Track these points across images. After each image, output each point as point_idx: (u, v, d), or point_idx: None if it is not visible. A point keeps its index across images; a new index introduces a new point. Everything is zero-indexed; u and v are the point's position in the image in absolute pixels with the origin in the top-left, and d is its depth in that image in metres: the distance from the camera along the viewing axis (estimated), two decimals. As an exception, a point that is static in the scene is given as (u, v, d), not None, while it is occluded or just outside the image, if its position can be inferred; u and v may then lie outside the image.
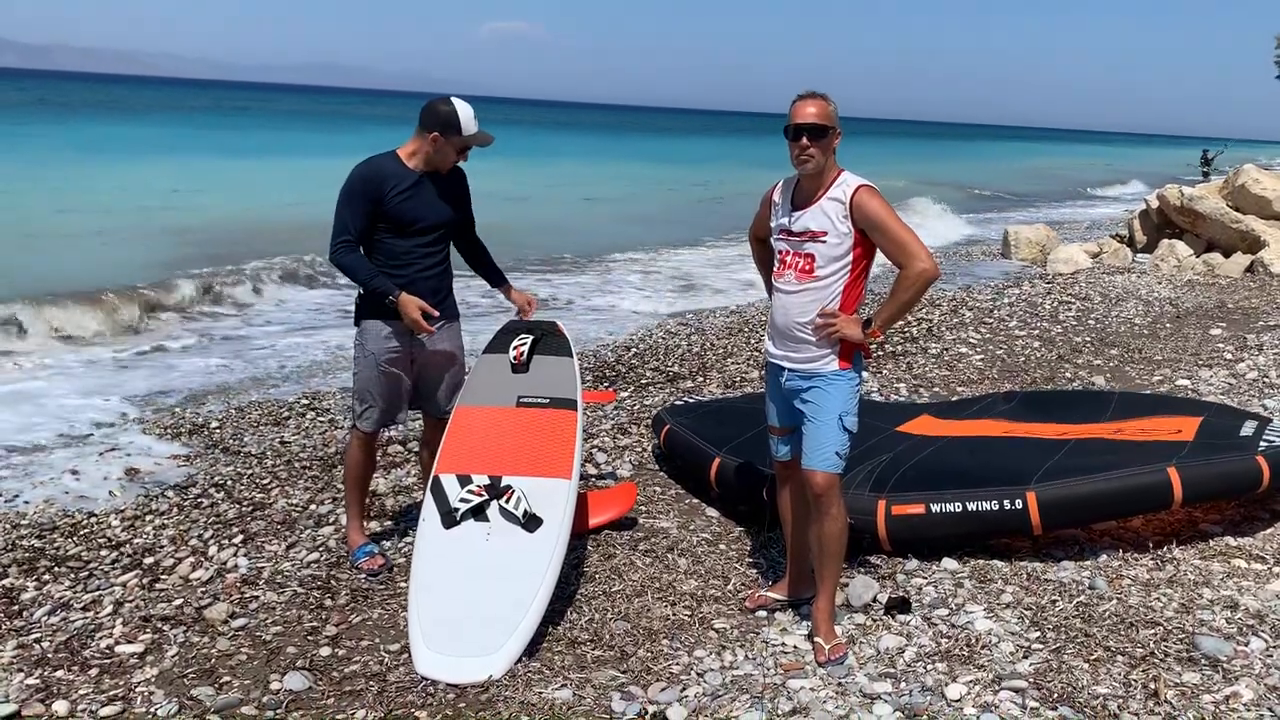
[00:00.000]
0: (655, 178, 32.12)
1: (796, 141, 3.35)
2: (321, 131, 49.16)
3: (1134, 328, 9.62)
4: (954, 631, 3.65)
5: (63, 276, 11.02)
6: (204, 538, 4.63)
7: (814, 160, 3.35)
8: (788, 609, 3.87)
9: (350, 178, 3.98)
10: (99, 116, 50.72)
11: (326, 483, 5.37)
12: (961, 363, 8.17)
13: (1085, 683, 3.27)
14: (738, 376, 7.69)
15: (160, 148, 32.51)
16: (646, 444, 5.95)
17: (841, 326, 3.38)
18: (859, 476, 4.38)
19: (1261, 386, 7.19)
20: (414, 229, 4.01)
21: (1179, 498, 4.12)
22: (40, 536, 4.68)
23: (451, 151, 4.01)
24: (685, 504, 5.04)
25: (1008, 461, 4.51)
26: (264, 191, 22.01)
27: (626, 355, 8.56)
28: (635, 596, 3.98)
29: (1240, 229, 13.50)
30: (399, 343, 4.09)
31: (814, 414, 3.45)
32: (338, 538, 4.57)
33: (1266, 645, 3.49)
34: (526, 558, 3.66)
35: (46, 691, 3.35)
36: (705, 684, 3.35)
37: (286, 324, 10.55)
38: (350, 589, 4.09)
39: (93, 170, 24.02)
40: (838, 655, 3.46)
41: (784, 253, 3.50)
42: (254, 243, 14.84)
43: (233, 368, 8.51)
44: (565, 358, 4.39)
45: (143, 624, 3.81)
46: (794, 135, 3.34)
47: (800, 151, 3.35)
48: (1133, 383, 7.51)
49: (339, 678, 3.43)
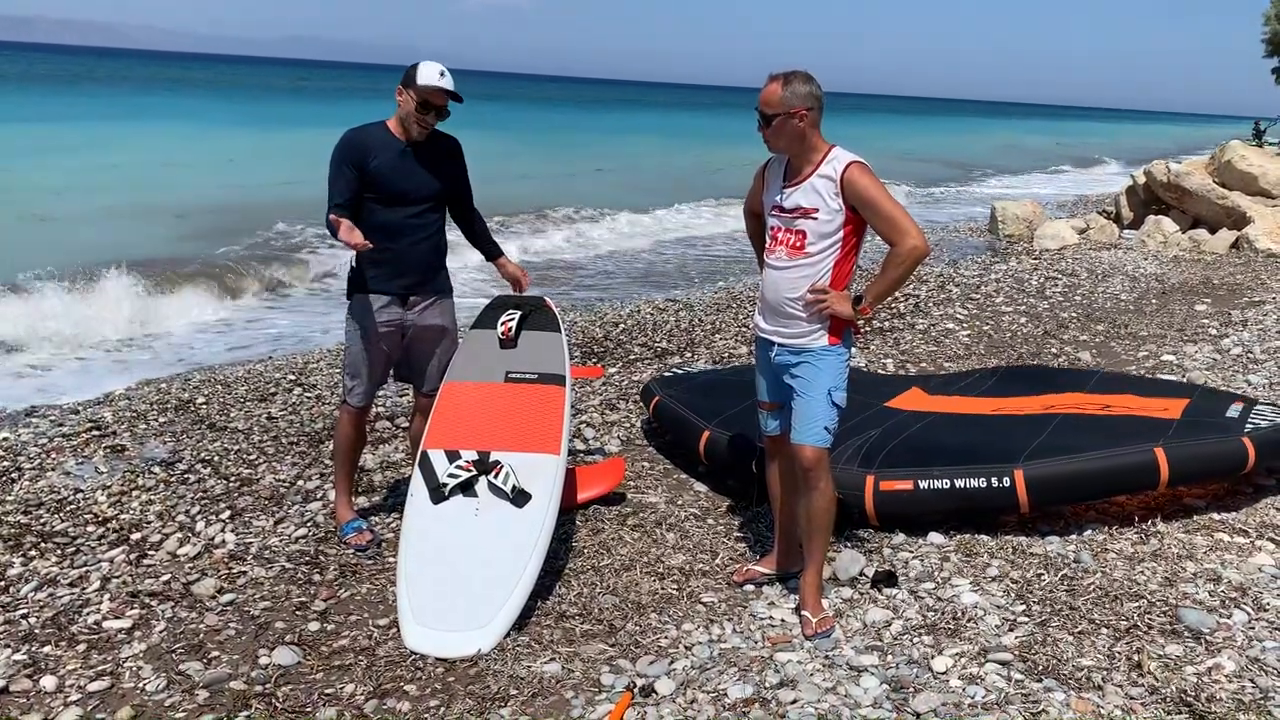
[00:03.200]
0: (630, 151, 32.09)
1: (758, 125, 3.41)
2: (306, 105, 48.72)
3: (1120, 303, 9.66)
4: (940, 605, 3.67)
5: (49, 253, 10.90)
6: (191, 513, 4.61)
7: (770, 144, 3.41)
8: (775, 583, 3.89)
9: (336, 145, 3.95)
10: (90, 90, 50.27)
11: (314, 458, 5.36)
12: (949, 339, 8.19)
13: (1070, 655, 3.30)
14: (726, 352, 7.69)
15: (147, 120, 32.25)
16: (635, 419, 5.96)
17: (832, 303, 3.38)
18: (847, 451, 4.39)
19: (1246, 362, 7.23)
20: (401, 199, 3.97)
21: (1165, 478, 4.15)
22: (26, 512, 4.65)
23: (411, 105, 3.91)
24: (673, 479, 5.05)
25: (996, 439, 4.53)
26: (250, 167, 21.83)
27: (615, 331, 8.55)
28: (623, 571, 3.99)
29: (1226, 205, 13.54)
30: (390, 316, 4.07)
31: (803, 389, 3.46)
32: (326, 513, 4.57)
33: (1249, 618, 3.52)
34: (515, 533, 3.67)
35: (34, 667, 3.34)
36: (693, 657, 3.36)
37: (273, 298, 10.50)
38: (339, 564, 4.09)
39: (79, 144, 23.77)
40: (825, 629, 3.49)
41: (775, 229, 3.50)
42: (238, 218, 14.74)
43: (219, 343, 8.46)
44: (553, 333, 4.38)
45: (130, 599, 3.80)
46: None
47: (761, 134, 3.41)
48: (1118, 358, 7.54)
49: (328, 652, 3.44)
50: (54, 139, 24.49)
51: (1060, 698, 3.06)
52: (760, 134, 3.40)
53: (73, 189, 17.12)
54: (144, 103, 43.07)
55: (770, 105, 3.33)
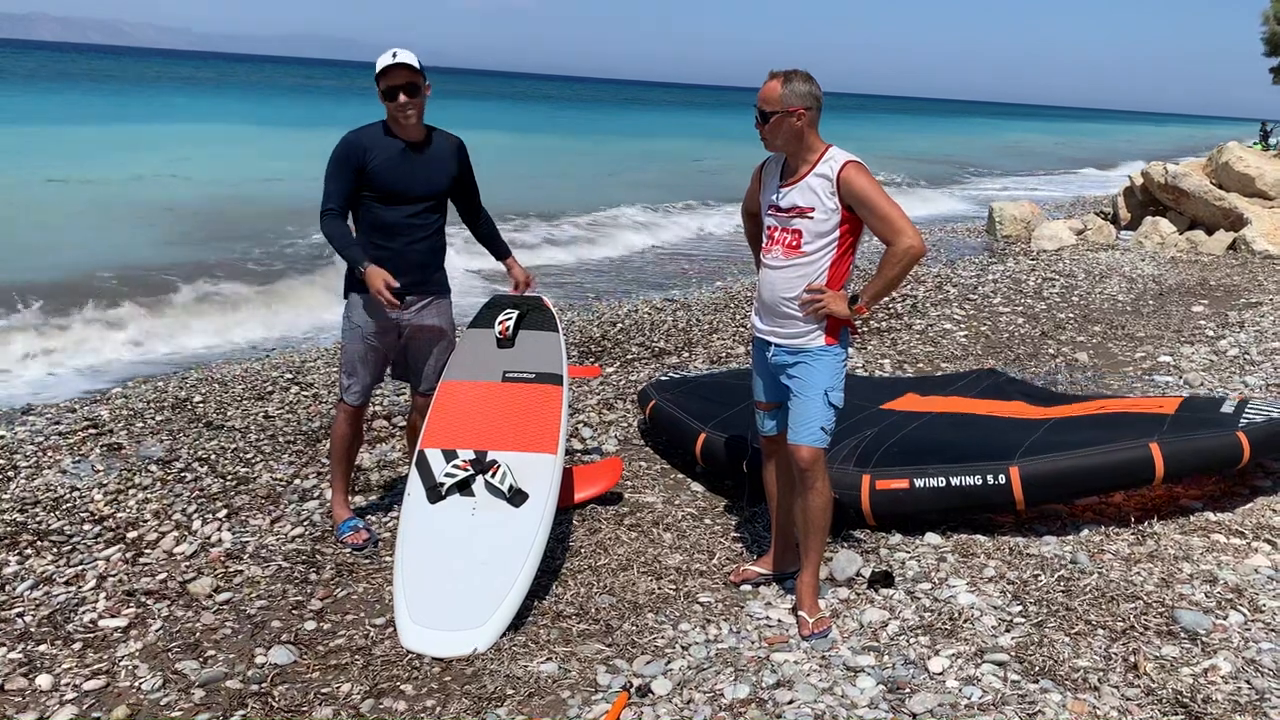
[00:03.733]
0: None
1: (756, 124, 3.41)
2: (306, 105, 48.72)
3: (1117, 304, 9.67)
4: (937, 605, 3.67)
5: (48, 253, 10.89)
6: (188, 512, 4.61)
7: (768, 143, 3.41)
8: (772, 583, 3.89)
9: (336, 146, 3.95)
10: (100, 89, 50.47)
11: (311, 457, 5.36)
12: (946, 339, 8.19)
13: (1066, 656, 3.30)
14: (723, 352, 7.69)
15: (152, 120, 32.25)
16: (632, 419, 5.95)
17: (828, 302, 3.38)
18: (844, 451, 4.40)
19: (1243, 363, 7.24)
20: (399, 198, 3.97)
21: (1160, 473, 4.15)
22: (22, 511, 4.64)
23: (382, 99, 3.89)
24: (670, 479, 5.05)
25: (991, 437, 4.53)
26: (250, 166, 21.81)
27: (612, 330, 8.55)
28: (620, 571, 3.99)
29: (1223, 206, 13.56)
30: (387, 315, 4.06)
31: (800, 389, 3.46)
32: (322, 512, 4.56)
33: (1245, 619, 3.53)
34: (512, 532, 3.66)
35: (30, 666, 3.34)
36: (690, 657, 3.36)
37: (268, 297, 10.47)
38: (335, 563, 4.09)
39: (80, 143, 23.76)
40: (821, 629, 3.49)
41: (772, 228, 3.50)
42: (236, 218, 14.72)
43: (215, 343, 8.45)
44: (551, 333, 4.38)
45: (126, 598, 3.79)
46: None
47: (760, 133, 3.41)
48: (1115, 359, 7.55)
49: (324, 652, 3.43)
50: (112, 138, 24.82)
51: (1056, 699, 3.06)
52: (758, 131, 3.40)
53: (66, 184, 17.15)
54: (173, 103, 43.43)
55: (769, 103, 3.33)
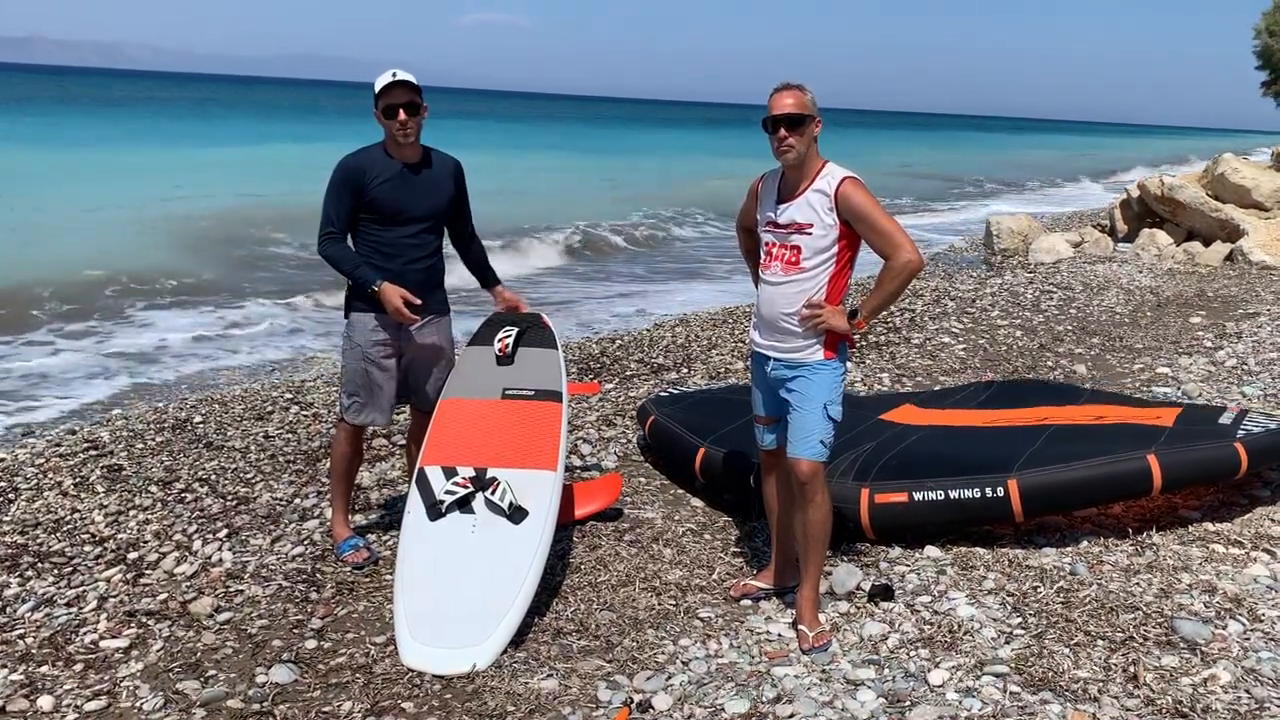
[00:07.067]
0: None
1: (775, 133, 3.37)
2: (303, 124, 48.96)
3: (1115, 316, 9.69)
4: (937, 618, 3.67)
5: (47, 269, 10.93)
6: (188, 532, 4.61)
7: (794, 151, 3.37)
8: (772, 597, 3.89)
9: (335, 169, 3.98)
10: (91, 111, 50.92)
11: (311, 476, 5.36)
12: (944, 352, 8.21)
13: (1066, 667, 3.30)
14: (722, 367, 7.71)
15: (148, 141, 32.45)
16: (631, 435, 5.96)
17: (827, 317, 3.40)
18: (843, 465, 4.40)
19: (1240, 374, 7.26)
20: (398, 219, 3.99)
21: (1159, 484, 4.16)
22: (23, 532, 4.65)
23: (381, 119, 3.92)
24: (670, 494, 5.05)
25: (989, 449, 4.54)
26: (247, 184, 21.90)
27: (611, 347, 8.57)
28: (621, 586, 3.99)
29: (1220, 218, 13.59)
30: (387, 335, 4.08)
31: (799, 403, 3.47)
32: (323, 531, 4.57)
33: (1244, 628, 3.53)
34: (512, 549, 3.67)
35: (31, 687, 3.34)
36: (690, 672, 3.37)
37: (269, 319, 10.50)
38: (336, 582, 4.09)
39: (77, 165, 23.89)
40: (822, 643, 3.49)
41: (770, 244, 3.52)
42: (237, 236, 14.77)
43: (215, 363, 8.47)
44: (550, 349, 4.39)
45: (127, 619, 3.80)
46: (772, 127, 3.37)
47: (780, 143, 3.37)
48: (1113, 371, 7.56)
49: (325, 670, 3.43)
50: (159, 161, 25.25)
51: (1056, 710, 3.06)
52: (773, 141, 3.37)
53: (66, 204, 17.25)
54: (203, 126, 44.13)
55: (802, 107, 3.34)
